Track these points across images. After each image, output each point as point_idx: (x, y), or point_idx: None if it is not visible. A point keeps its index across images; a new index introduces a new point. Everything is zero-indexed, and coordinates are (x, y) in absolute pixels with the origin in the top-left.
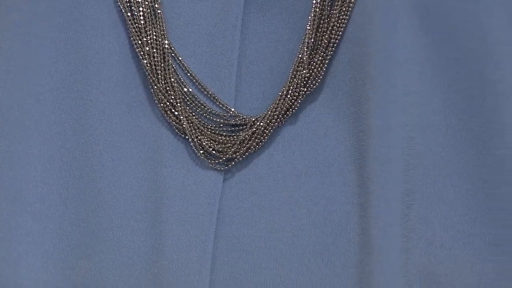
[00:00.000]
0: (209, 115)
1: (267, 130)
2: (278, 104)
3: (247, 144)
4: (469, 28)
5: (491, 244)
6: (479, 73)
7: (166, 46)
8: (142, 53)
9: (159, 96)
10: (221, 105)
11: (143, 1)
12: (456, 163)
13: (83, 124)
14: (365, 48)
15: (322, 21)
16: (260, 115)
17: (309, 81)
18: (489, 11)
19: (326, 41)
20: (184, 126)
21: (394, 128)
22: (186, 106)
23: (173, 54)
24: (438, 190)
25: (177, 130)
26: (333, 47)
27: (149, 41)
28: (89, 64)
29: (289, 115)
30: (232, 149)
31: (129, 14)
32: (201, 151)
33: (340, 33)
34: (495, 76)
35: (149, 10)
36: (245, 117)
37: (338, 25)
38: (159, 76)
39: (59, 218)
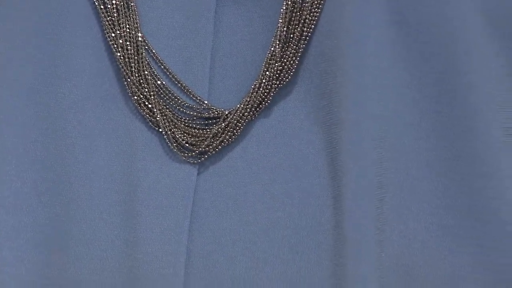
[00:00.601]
0: (182, 108)
1: (240, 123)
2: (251, 97)
3: (220, 137)
4: (440, 22)
5: (464, 236)
6: (450, 66)
7: (140, 39)
8: (115, 46)
9: (133, 89)
10: (194, 98)
11: None
12: (428, 156)
13: (57, 118)
14: (337, 41)
15: (294, 14)
16: (233, 108)
17: (282, 74)
18: (459, 5)
19: (298, 34)
20: (157, 119)
21: (366, 120)
22: (160, 99)
23: (146, 47)
24: (410, 183)
25: (150, 123)
26: (305, 40)
27: (123, 34)
28: (63, 57)
29: (262, 108)
30: (205, 142)
31: (102, 7)
32: (175, 144)
33: (312, 26)
34: (465, 69)
35: (122, 3)
36: (218, 110)
37: (310, 18)
38: (133, 69)
39: (33, 212)
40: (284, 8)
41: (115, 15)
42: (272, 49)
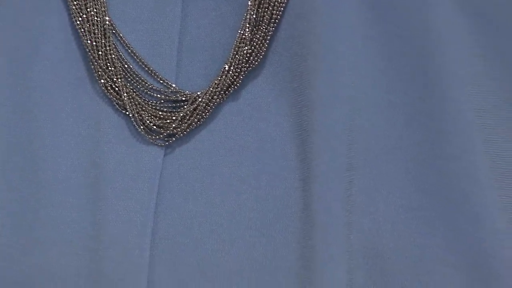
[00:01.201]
0: (150, 91)
1: (208, 106)
2: (220, 81)
3: (189, 120)
4: (412, 4)
5: (434, 218)
6: (422, 48)
7: (107, 22)
8: (82, 30)
9: (99, 72)
10: (162, 81)
11: None
12: (398, 138)
13: (24, 101)
14: (307, 23)
15: None
16: (202, 91)
17: (251, 58)
18: None
19: (268, 17)
20: (124, 101)
21: (337, 102)
22: (127, 82)
23: (114, 31)
24: (380, 165)
25: (117, 106)
26: (275, 22)
27: (90, 18)
28: (30, 42)
29: (231, 91)
30: (173, 125)
31: None
32: (142, 127)
33: (282, 8)
34: (438, 51)
35: None
36: (186, 93)
37: (280, 0)
38: (100, 53)
39: (0, 195)
40: None
41: None
42: (242, 32)
